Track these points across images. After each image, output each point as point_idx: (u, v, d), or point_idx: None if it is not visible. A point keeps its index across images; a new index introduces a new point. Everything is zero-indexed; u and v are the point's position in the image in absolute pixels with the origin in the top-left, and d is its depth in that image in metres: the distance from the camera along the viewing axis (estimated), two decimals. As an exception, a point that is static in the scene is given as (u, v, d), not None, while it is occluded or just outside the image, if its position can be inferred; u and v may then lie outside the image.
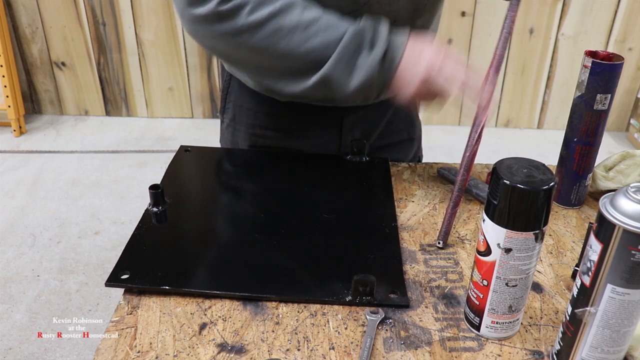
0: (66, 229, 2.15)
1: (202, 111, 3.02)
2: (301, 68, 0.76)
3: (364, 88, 0.76)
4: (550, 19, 2.74)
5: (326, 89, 0.77)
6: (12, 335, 1.69)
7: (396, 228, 0.77)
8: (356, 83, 0.75)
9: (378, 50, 0.74)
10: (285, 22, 0.73)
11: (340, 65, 0.74)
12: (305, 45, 0.74)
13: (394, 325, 0.63)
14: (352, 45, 0.74)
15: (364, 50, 0.74)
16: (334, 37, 0.74)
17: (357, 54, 0.74)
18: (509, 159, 0.57)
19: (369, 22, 0.75)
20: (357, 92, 0.76)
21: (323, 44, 0.74)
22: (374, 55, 0.74)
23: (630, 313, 0.51)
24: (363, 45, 0.74)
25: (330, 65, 0.74)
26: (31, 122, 2.96)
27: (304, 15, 0.74)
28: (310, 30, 0.74)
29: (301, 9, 0.74)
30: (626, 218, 0.47)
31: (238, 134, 1.01)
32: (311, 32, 0.74)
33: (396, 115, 1.03)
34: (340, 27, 0.74)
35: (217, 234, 0.77)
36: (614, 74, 0.75)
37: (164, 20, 2.77)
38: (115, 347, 0.59)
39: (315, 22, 0.74)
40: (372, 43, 0.74)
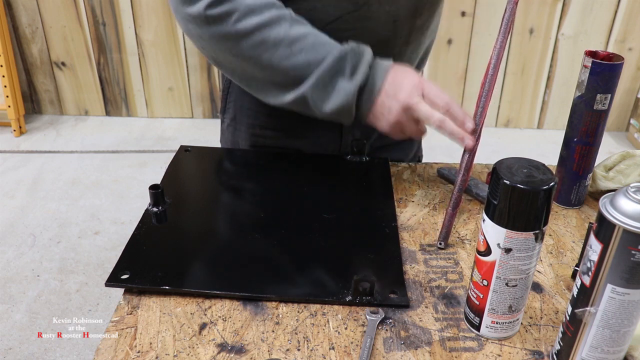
0: (66, 229, 2.15)
1: (202, 111, 3.02)
2: (282, 82, 0.77)
3: (340, 112, 0.76)
4: (550, 19, 2.74)
5: (303, 107, 0.79)
6: (12, 335, 1.70)
7: (396, 228, 0.77)
8: (331, 107, 0.76)
9: (358, 77, 0.74)
10: (272, 35, 0.74)
11: (318, 87, 0.75)
12: (288, 61, 0.74)
13: (394, 325, 0.63)
14: (333, 68, 0.74)
15: (344, 76, 0.75)
16: (317, 57, 0.74)
17: (336, 78, 0.75)
18: (509, 159, 0.57)
19: (354, 48, 0.76)
20: (332, 115, 0.77)
21: (306, 62, 0.74)
22: (354, 82, 0.74)
23: (630, 313, 0.51)
24: (344, 71, 0.75)
25: (308, 85, 0.75)
26: (31, 122, 2.96)
27: (291, 31, 0.74)
28: (295, 47, 0.74)
29: (289, 24, 0.75)
30: (626, 218, 0.47)
31: (238, 134, 1.01)
32: (296, 48, 0.74)
33: None
34: (325, 48, 0.75)
35: (217, 234, 0.77)
36: (614, 74, 0.75)
37: (164, 20, 2.77)
38: (115, 347, 0.59)
39: (302, 40, 0.74)
40: (354, 69, 0.75)
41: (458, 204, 0.76)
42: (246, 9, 0.73)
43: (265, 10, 0.74)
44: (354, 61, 0.75)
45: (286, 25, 0.74)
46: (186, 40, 2.82)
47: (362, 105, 0.76)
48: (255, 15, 0.73)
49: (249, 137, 1.00)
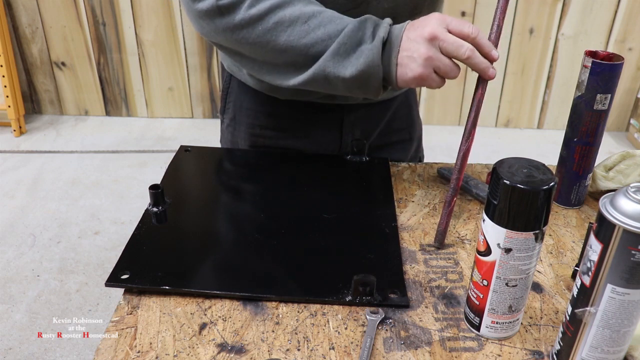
0: (66, 229, 2.15)
1: (202, 111, 3.02)
2: (303, 61, 0.74)
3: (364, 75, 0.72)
4: (550, 19, 2.74)
5: (322, 82, 0.75)
6: (12, 335, 1.69)
7: (396, 228, 0.77)
8: (355, 70, 0.71)
9: (380, 34, 0.71)
10: (287, 14, 0.72)
11: (338, 54, 0.71)
12: (307, 38, 0.72)
13: (394, 325, 0.63)
14: (354, 35, 0.71)
15: (366, 40, 0.71)
16: (336, 29, 0.72)
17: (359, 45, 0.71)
18: (509, 159, 0.57)
19: (372, 17, 0.74)
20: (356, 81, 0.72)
21: (326, 35, 0.72)
22: (375, 41, 0.71)
23: (630, 313, 0.51)
24: (365, 35, 0.71)
25: (328, 55, 0.72)
26: (31, 122, 2.96)
27: (306, 8, 0.73)
28: (312, 23, 0.72)
29: (303, 3, 0.73)
30: (626, 218, 0.47)
31: (238, 134, 1.01)
32: (313, 24, 0.72)
33: (397, 114, 1.03)
34: (343, 20, 0.73)
35: (217, 234, 0.77)
36: (614, 74, 0.75)
37: (164, 20, 2.77)
38: (115, 347, 0.59)
39: (318, 15, 0.73)
40: (374, 32, 0.72)
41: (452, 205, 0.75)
42: None
43: None
44: (373, 26, 0.72)
45: (300, 4, 0.73)
46: (186, 40, 2.82)
47: (386, 58, 0.71)
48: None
49: (248, 137, 1.00)
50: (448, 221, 0.75)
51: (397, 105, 1.03)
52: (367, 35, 0.71)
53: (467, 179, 0.88)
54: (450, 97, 2.94)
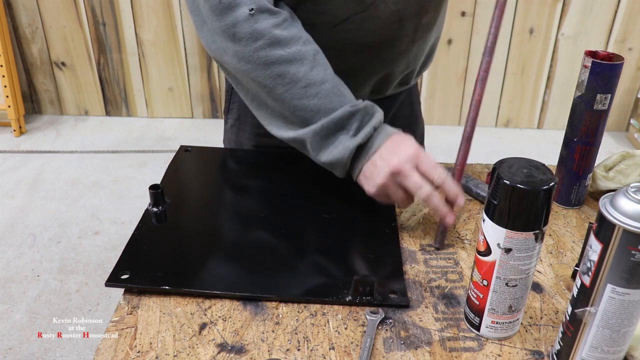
0: (66, 229, 2.15)
1: (202, 111, 3.02)
2: (288, 118, 0.78)
3: (333, 165, 0.77)
4: (550, 19, 2.74)
5: (300, 147, 0.80)
6: (12, 335, 1.69)
7: (396, 228, 0.77)
8: (327, 158, 0.77)
9: (360, 136, 0.75)
10: (291, 72, 0.74)
11: (319, 136, 0.76)
12: (299, 101, 0.75)
13: (394, 325, 0.63)
14: (340, 122, 0.75)
15: (348, 132, 0.75)
16: (328, 106, 0.75)
17: (340, 133, 0.75)
18: (509, 159, 0.57)
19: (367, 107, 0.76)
20: (325, 164, 0.78)
21: (316, 107, 0.75)
22: (355, 140, 0.75)
23: (630, 313, 0.51)
24: (350, 127, 0.75)
25: (311, 131, 0.75)
26: (31, 122, 2.96)
27: (312, 73, 0.75)
28: (311, 90, 0.74)
29: (311, 66, 0.75)
30: (626, 218, 0.47)
31: (243, 134, 1.00)
32: (311, 92, 0.74)
33: (400, 112, 1.03)
34: (339, 100, 0.75)
35: (217, 234, 0.78)
36: (614, 74, 0.75)
37: (164, 20, 2.77)
38: (115, 347, 0.59)
39: (319, 85, 0.75)
40: (359, 128, 0.75)
41: None
42: (273, 38, 0.73)
43: (291, 44, 0.74)
44: (361, 121, 0.75)
45: (308, 66, 0.74)
46: (186, 40, 2.82)
47: (355, 161, 0.76)
48: (280, 48, 0.73)
49: (253, 137, 0.99)
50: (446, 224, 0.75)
51: (400, 103, 1.03)
52: (351, 128, 0.75)
53: (467, 179, 0.88)
54: (450, 97, 2.94)
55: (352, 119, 0.75)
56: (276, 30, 0.73)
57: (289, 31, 0.75)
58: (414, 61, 0.94)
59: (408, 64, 0.93)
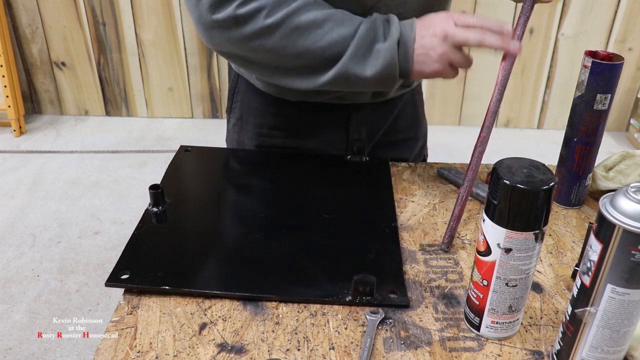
0: (66, 229, 2.15)
1: (202, 111, 3.02)
2: (319, 64, 0.77)
3: (383, 74, 0.76)
4: (550, 19, 2.74)
5: (343, 83, 0.78)
6: (12, 335, 1.69)
7: (396, 228, 0.77)
8: (374, 70, 0.76)
9: (394, 35, 0.75)
10: (302, 20, 0.74)
11: (357, 57, 0.75)
12: (322, 41, 0.75)
13: (394, 325, 0.63)
14: (368, 36, 0.75)
15: (379, 40, 0.76)
16: (350, 30, 0.75)
17: (373, 44, 0.76)
18: (509, 159, 0.57)
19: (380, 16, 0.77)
20: (376, 80, 0.77)
21: (340, 37, 0.75)
22: (389, 40, 0.75)
23: (630, 313, 0.51)
24: (378, 35, 0.76)
25: (347, 58, 0.75)
26: (31, 122, 2.96)
27: (319, 12, 0.75)
28: (326, 26, 0.75)
29: (316, 7, 0.76)
30: (626, 218, 0.47)
31: (245, 134, 1.00)
32: (327, 28, 0.75)
33: (403, 112, 1.03)
34: (355, 20, 0.76)
35: (217, 234, 0.77)
36: (614, 74, 0.75)
37: (164, 20, 2.77)
38: (115, 347, 0.59)
39: (330, 18, 0.75)
40: (386, 31, 0.76)
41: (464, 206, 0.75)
42: (274, 2, 0.74)
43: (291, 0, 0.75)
44: (384, 25, 0.76)
45: (313, 9, 0.75)
46: (186, 40, 2.82)
47: (402, 58, 0.76)
48: (284, 6, 0.74)
49: (255, 136, 0.99)
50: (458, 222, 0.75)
51: (403, 104, 1.03)
52: (379, 34, 0.76)
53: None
54: (450, 97, 2.94)
55: (376, 28, 0.76)
56: None
57: None
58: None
59: None
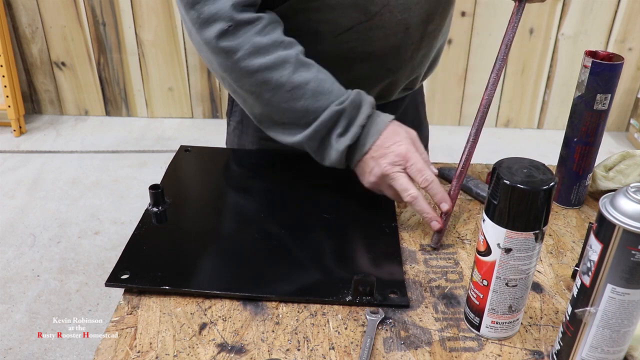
0: (66, 229, 2.15)
1: (202, 111, 3.02)
2: (282, 121, 0.80)
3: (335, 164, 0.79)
4: (550, 19, 2.74)
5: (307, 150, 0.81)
6: (12, 335, 1.69)
7: (396, 228, 0.77)
8: (328, 160, 0.79)
9: (349, 136, 0.76)
10: (274, 78, 0.75)
11: (314, 140, 0.78)
12: (287, 104, 0.77)
13: (394, 325, 0.63)
14: (328, 123, 0.76)
15: (337, 133, 0.77)
16: (315, 106, 0.76)
17: (330, 134, 0.77)
18: (509, 159, 0.57)
19: (354, 101, 0.76)
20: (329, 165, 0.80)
21: (304, 109, 0.76)
22: (343, 142, 0.76)
23: (630, 313, 0.51)
24: (337, 128, 0.77)
25: (305, 136, 0.78)
26: (31, 122, 2.96)
27: (294, 76, 0.75)
28: (296, 93, 0.76)
29: (293, 69, 0.75)
30: (626, 218, 0.47)
31: (245, 137, 1.00)
32: (296, 94, 0.76)
33: (405, 115, 1.03)
34: (325, 98, 0.76)
35: (217, 234, 0.77)
36: (614, 74, 0.75)
37: (164, 20, 2.78)
38: (115, 347, 0.59)
39: (303, 87, 0.76)
40: (347, 128, 0.77)
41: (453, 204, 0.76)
42: (252, 48, 0.74)
43: (271, 50, 0.75)
44: (349, 119, 0.76)
45: (290, 70, 0.75)
46: (186, 40, 2.82)
47: (351, 157, 0.79)
48: (260, 56, 0.74)
49: (256, 140, 0.99)
50: (446, 224, 0.75)
51: (406, 106, 1.03)
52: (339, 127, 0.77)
53: (467, 179, 0.88)
54: (450, 97, 2.94)
55: (339, 118, 0.76)
56: (256, 38, 0.74)
57: (269, 37, 0.75)
58: (419, 67, 0.94)
59: (413, 71, 0.93)
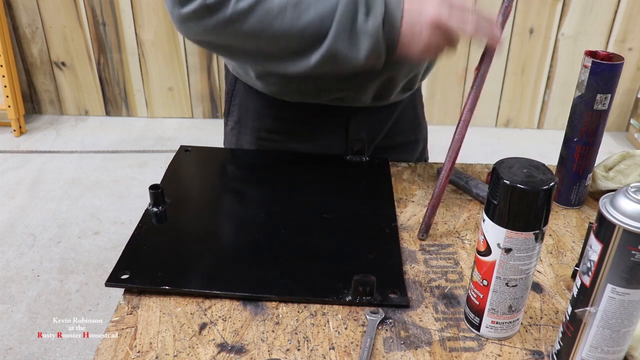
0: (66, 229, 2.15)
1: (202, 111, 3.02)
2: (300, 46, 0.73)
3: (373, 55, 0.72)
4: (550, 19, 2.74)
5: (333, 64, 0.74)
6: (12, 335, 1.69)
7: (396, 228, 0.77)
8: (364, 52, 0.72)
9: (377, 12, 0.70)
10: (274, 3, 0.71)
11: (343, 37, 0.71)
12: (299, 22, 0.71)
13: (394, 325, 0.63)
14: (348, 12, 0.70)
15: (360, 16, 0.71)
16: (327, 7, 0.71)
17: (355, 21, 0.71)
18: (509, 159, 0.57)
19: None
20: (367, 60, 0.73)
21: (317, 17, 0.71)
22: (373, 19, 0.70)
23: (630, 313, 0.51)
24: (358, 11, 0.71)
25: (332, 39, 0.71)
26: (31, 122, 2.96)
27: None
28: (301, 6, 0.71)
29: None
30: (626, 218, 0.47)
31: (243, 137, 1.00)
32: (302, 7, 0.71)
33: (403, 116, 1.03)
34: None
35: (217, 234, 0.77)
36: (614, 74, 0.75)
37: (164, 20, 2.77)
38: (115, 347, 0.59)
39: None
40: (368, 7, 0.71)
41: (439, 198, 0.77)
42: None
43: None
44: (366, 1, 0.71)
45: None
46: (186, 40, 2.82)
47: (389, 36, 0.71)
48: None
49: (254, 140, 0.99)
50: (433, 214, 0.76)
51: (404, 107, 1.02)
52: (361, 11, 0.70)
53: (467, 179, 0.88)
54: (450, 97, 2.94)
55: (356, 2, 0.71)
56: None
57: None
58: (418, 64, 0.94)
59: (412, 68, 0.92)
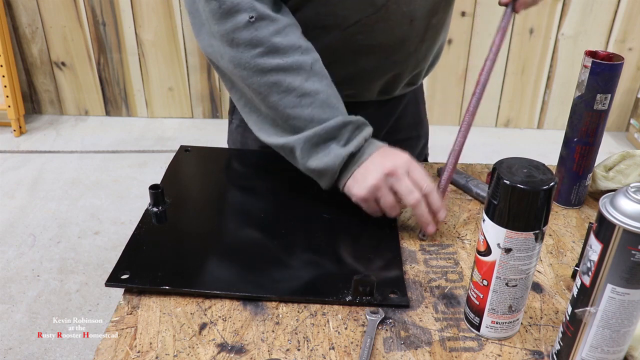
0: (66, 229, 2.15)
1: (202, 111, 3.02)
2: (280, 125, 0.78)
3: (322, 172, 0.77)
4: (550, 19, 2.74)
5: (287, 155, 0.79)
6: (12, 335, 1.69)
7: (396, 228, 0.77)
8: (316, 164, 0.76)
9: (352, 145, 0.75)
10: (287, 81, 0.74)
11: (310, 143, 0.76)
12: (293, 110, 0.75)
13: (394, 325, 0.63)
14: (332, 132, 0.75)
15: (339, 142, 0.75)
16: (321, 116, 0.75)
17: (331, 142, 0.75)
18: (509, 159, 0.57)
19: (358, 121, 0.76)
20: (313, 172, 0.78)
21: (309, 117, 0.75)
22: (346, 148, 0.75)
23: (630, 313, 0.51)
24: (341, 138, 0.75)
25: (302, 137, 0.76)
26: (31, 122, 2.96)
27: (306, 83, 0.75)
28: (305, 100, 0.75)
29: (306, 76, 0.75)
30: (626, 218, 0.47)
31: (249, 135, 1.00)
32: (305, 102, 0.75)
33: (405, 111, 1.03)
34: (332, 111, 0.76)
35: (217, 234, 0.77)
36: (614, 74, 0.75)
37: (164, 20, 2.78)
38: (115, 347, 0.59)
39: (313, 95, 0.75)
40: (349, 139, 0.76)
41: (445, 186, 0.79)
42: (271, 46, 0.73)
43: (289, 53, 0.74)
44: (352, 132, 0.76)
45: (304, 76, 0.75)
46: (186, 40, 2.82)
47: (345, 169, 0.76)
48: (278, 56, 0.74)
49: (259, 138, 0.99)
50: None
51: (406, 103, 1.03)
52: (342, 137, 0.75)
53: (467, 179, 0.88)
54: (450, 97, 2.94)
55: (344, 129, 0.75)
56: (275, 37, 0.74)
57: (288, 39, 0.75)
58: (423, 61, 0.95)
59: (417, 64, 0.94)
